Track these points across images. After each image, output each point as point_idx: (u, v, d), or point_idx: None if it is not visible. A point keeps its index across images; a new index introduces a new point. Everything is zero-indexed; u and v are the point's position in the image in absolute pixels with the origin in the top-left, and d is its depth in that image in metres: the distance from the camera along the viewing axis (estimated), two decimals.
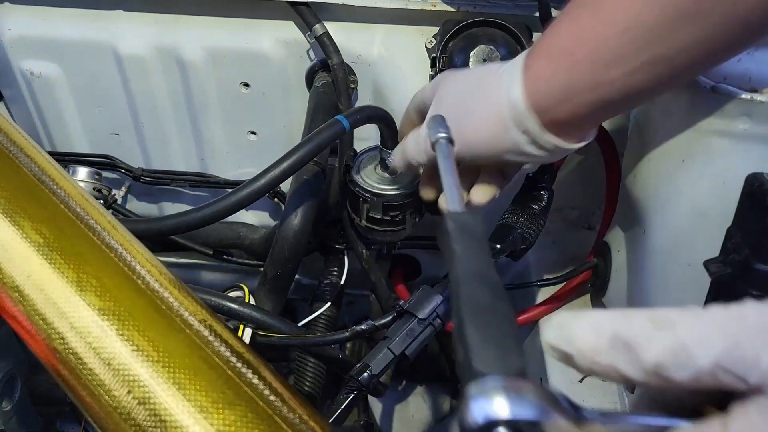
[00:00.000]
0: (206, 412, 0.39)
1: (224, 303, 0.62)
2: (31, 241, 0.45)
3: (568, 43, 0.47)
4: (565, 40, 0.48)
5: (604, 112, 0.51)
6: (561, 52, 0.48)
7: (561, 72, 0.48)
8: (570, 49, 0.47)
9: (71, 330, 0.42)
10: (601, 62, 0.46)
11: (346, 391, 0.56)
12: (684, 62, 0.45)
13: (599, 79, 0.47)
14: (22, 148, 0.51)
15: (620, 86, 0.47)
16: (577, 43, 0.47)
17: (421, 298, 0.58)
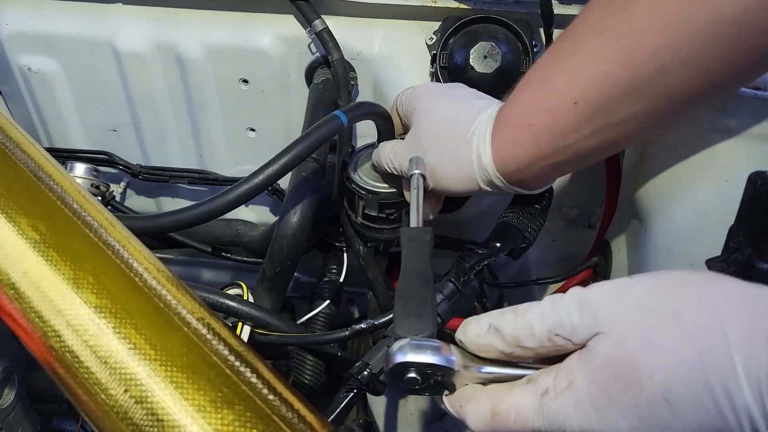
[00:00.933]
0: (204, 411, 0.38)
1: (222, 300, 0.61)
2: (27, 237, 0.45)
3: (527, 113, 0.53)
4: (525, 110, 0.53)
5: (563, 170, 0.57)
6: (522, 123, 0.53)
7: (523, 141, 0.53)
8: (529, 120, 0.52)
9: (67, 328, 0.42)
10: (557, 131, 0.51)
11: (346, 389, 0.55)
12: (630, 128, 0.50)
13: (557, 145, 0.52)
14: (19, 144, 0.51)
15: (576, 150, 0.52)
16: (535, 115, 0.52)
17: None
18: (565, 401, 0.36)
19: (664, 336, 0.34)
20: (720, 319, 0.33)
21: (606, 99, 0.48)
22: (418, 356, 0.41)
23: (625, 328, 0.35)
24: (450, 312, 0.59)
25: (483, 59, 0.72)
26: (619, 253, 0.76)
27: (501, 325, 0.40)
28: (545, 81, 0.51)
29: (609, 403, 0.35)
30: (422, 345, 0.41)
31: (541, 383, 0.38)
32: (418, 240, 0.52)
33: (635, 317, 0.35)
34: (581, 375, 0.36)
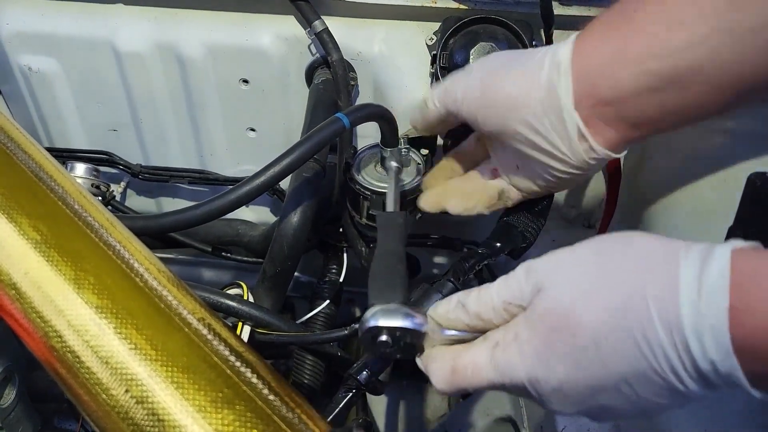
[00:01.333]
0: (205, 411, 0.39)
1: (223, 300, 0.61)
2: (29, 238, 0.45)
3: (630, 6, 0.44)
4: (628, 5, 0.45)
5: (647, 101, 0.45)
6: (622, 11, 0.45)
7: (617, 32, 0.44)
8: (633, 5, 0.44)
9: (69, 328, 0.42)
10: (664, 22, 0.42)
11: (345, 389, 0.55)
12: (752, 44, 0.41)
13: (657, 42, 0.43)
14: (20, 145, 0.51)
15: (677, 58, 0.43)
16: (638, 5, 0.44)
17: (419, 297, 0.58)
18: (511, 352, 0.40)
19: (593, 288, 0.37)
20: (638, 269, 0.36)
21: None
22: (388, 321, 0.45)
23: (561, 285, 0.39)
24: None
25: None
26: None
27: (466, 302, 0.44)
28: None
29: (548, 351, 0.38)
30: (392, 310, 0.45)
31: (492, 338, 0.42)
32: (393, 222, 0.56)
33: (569, 274, 0.39)
34: (524, 328, 0.40)
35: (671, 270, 0.35)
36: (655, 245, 0.38)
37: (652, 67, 0.44)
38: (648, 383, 0.36)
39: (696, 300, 0.34)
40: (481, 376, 0.42)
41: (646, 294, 0.35)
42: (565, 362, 0.38)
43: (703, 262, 0.35)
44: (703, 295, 0.34)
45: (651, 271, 0.36)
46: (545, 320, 0.39)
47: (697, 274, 0.34)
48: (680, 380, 0.35)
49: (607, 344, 0.36)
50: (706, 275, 0.34)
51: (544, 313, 0.39)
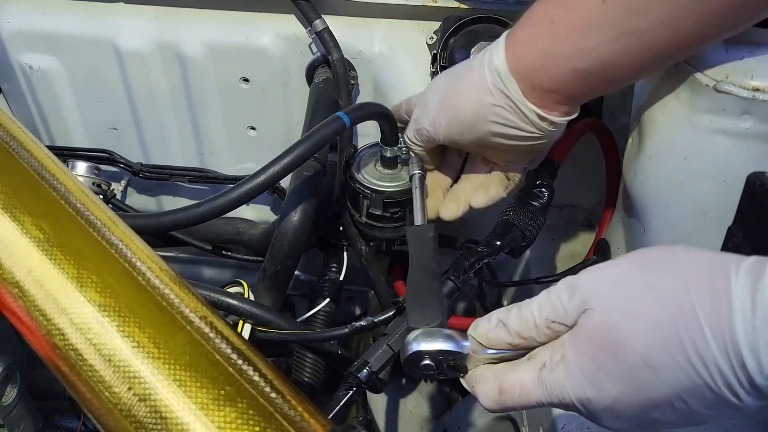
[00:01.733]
0: (207, 408, 0.39)
1: (223, 299, 0.61)
2: (31, 236, 0.45)
3: (549, 10, 0.50)
4: (546, 7, 0.51)
5: (583, 84, 0.53)
6: (542, 19, 0.51)
7: (540, 37, 0.51)
8: (551, 16, 0.50)
9: (71, 326, 0.42)
10: (580, 29, 0.49)
11: (345, 387, 0.56)
12: (656, 39, 0.48)
13: (577, 46, 0.50)
14: (22, 143, 0.51)
15: (597, 56, 0.50)
16: (557, 11, 0.50)
17: None
18: (559, 373, 0.40)
19: (640, 306, 0.37)
20: (687, 286, 0.36)
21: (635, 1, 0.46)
22: (430, 344, 0.45)
23: (607, 303, 0.39)
24: (449, 310, 0.59)
25: None
26: (618, 252, 0.76)
27: (507, 320, 0.44)
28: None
29: (597, 371, 0.38)
30: (434, 333, 0.45)
31: (539, 359, 0.42)
32: (423, 237, 0.57)
33: (615, 292, 0.39)
34: (571, 348, 0.40)
35: (722, 285, 0.35)
36: (702, 259, 0.37)
37: (577, 65, 0.51)
38: (702, 399, 0.36)
39: (750, 316, 0.33)
40: (529, 397, 0.42)
41: (696, 310, 0.35)
42: (616, 382, 0.38)
43: (756, 277, 0.34)
44: (757, 311, 0.33)
45: (701, 287, 0.36)
46: (593, 340, 0.38)
47: (750, 290, 0.34)
48: (736, 395, 0.35)
49: (659, 361, 0.36)
50: (760, 291, 0.34)
51: (591, 332, 0.39)
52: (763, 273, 0.34)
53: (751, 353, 0.33)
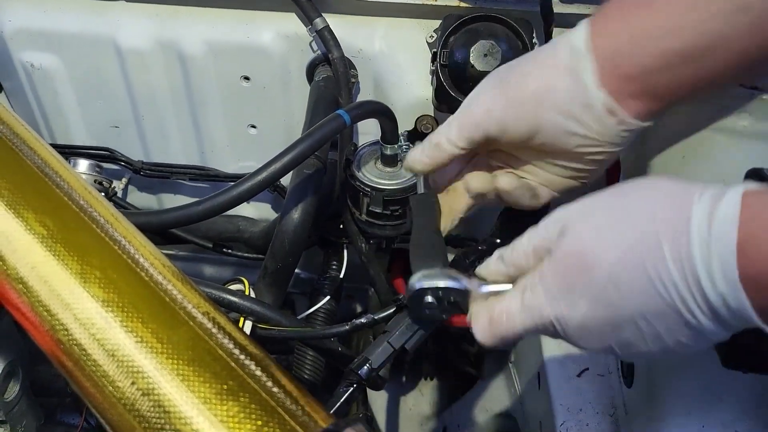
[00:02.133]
0: (210, 402, 0.39)
1: (225, 296, 0.62)
2: (35, 232, 0.45)
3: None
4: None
5: (672, 73, 0.46)
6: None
7: (634, 12, 0.45)
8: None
9: (75, 321, 0.42)
10: (681, 2, 0.44)
11: (346, 384, 0.56)
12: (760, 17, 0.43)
13: (675, 21, 0.44)
14: (25, 140, 0.51)
15: (695, 35, 0.44)
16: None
17: None
18: (538, 292, 0.42)
19: (611, 229, 0.39)
20: (654, 212, 0.38)
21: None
22: (432, 281, 0.48)
23: (581, 225, 0.40)
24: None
25: (483, 57, 0.73)
26: None
27: (504, 254, 0.46)
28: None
29: (570, 289, 0.40)
30: (434, 272, 0.49)
31: (522, 284, 0.44)
32: (425, 202, 0.59)
33: (591, 216, 0.41)
34: (548, 269, 0.41)
35: (684, 209, 0.36)
36: (673, 188, 0.38)
37: (671, 45, 0.45)
38: (663, 319, 0.37)
39: (706, 237, 0.35)
40: (514, 321, 0.43)
41: (658, 232, 0.37)
42: (586, 299, 0.39)
43: (714, 201, 0.36)
44: (713, 231, 0.35)
45: (665, 210, 0.37)
46: (566, 260, 0.40)
47: (707, 212, 0.35)
48: (693, 315, 0.36)
49: (623, 281, 0.38)
50: (716, 213, 0.35)
51: (564, 253, 0.41)
52: (722, 197, 0.36)
53: (706, 271, 0.35)
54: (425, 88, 0.80)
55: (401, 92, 0.82)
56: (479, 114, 0.52)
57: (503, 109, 0.50)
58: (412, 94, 0.82)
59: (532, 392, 0.89)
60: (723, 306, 0.35)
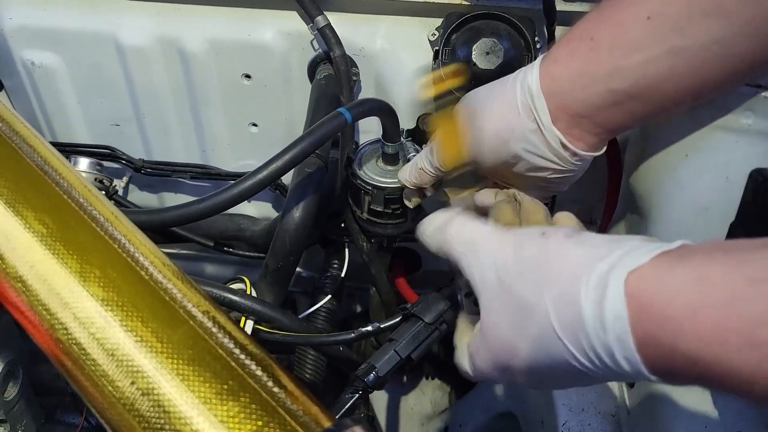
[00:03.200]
0: (210, 403, 0.39)
1: (226, 295, 0.61)
2: (34, 231, 0.45)
3: (591, 26, 0.48)
4: (586, 24, 0.48)
5: (618, 110, 0.49)
6: (582, 36, 0.48)
7: (579, 55, 0.48)
8: (591, 33, 0.47)
9: (74, 320, 0.42)
10: (621, 47, 0.46)
11: (352, 390, 0.55)
12: (702, 59, 0.45)
13: (617, 64, 0.47)
14: (25, 138, 0.51)
15: (639, 76, 0.47)
16: (599, 27, 0.47)
17: (428, 303, 0.59)
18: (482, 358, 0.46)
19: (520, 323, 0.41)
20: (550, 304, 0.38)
21: (683, 16, 0.43)
22: None
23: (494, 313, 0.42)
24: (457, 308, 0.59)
25: (485, 55, 0.72)
26: None
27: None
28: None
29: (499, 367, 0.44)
30: None
31: None
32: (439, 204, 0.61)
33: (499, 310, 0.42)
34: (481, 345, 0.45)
35: (575, 300, 0.36)
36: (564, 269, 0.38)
37: (615, 87, 0.48)
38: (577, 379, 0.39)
39: (602, 334, 0.35)
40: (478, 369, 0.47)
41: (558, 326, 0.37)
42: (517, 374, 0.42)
43: (601, 291, 0.35)
44: (606, 327, 0.34)
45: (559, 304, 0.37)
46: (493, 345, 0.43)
47: (597, 303, 0.35)
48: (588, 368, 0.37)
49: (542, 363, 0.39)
50: (605, 310, 0.35)
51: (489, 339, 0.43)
52: (606, 287, 0.35)
53: (610, 359, 0.35)
54: None
55: (403, 90, 0.82)
56: None
57: (472, 146, 0.56)
58: (413, 93, 0.81)
59: (534, 392, 0.89)
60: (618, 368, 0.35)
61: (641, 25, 0.45)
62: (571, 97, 0.49)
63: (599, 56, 0.47)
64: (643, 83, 0.47)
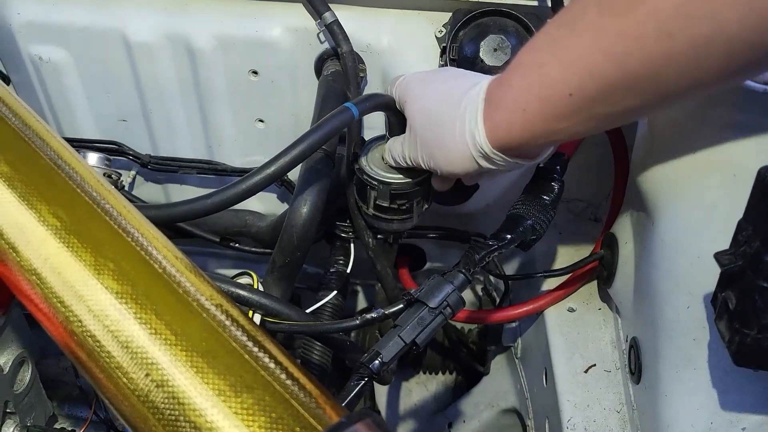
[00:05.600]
0: (224, 395, 0.39)
1: (233, 289, 0.62)
2: (48, 224, 0.45)
3: (521, 98, 0.54)
4: (518, 94, 0.54)
5: (561, 141, 0.59)
6: (515, 108, 0.55)
7: (517, 125, 0.55)
8: (523, 105, 0.54)
9: (89, 313, 0.42)
10: (550, 118, 0.53)
11: (357, 377, 0.56)
12: (624, 117, 0.53)
13: (550, 128, 0.54)
14: (37, 132, 0.51)
15: (572, 132, 0.54)
16: (529, 101, 0.54)
17: (431, 287, 0.59)
18: None
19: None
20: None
21: (600, 94, 0.49)
22: None
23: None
24: (461, 302, 0.59)
25: (493, 52, 0.73)
26: (626, 246, 0.77)
27: None
28: (540, 68, 0.52)
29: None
30: None
31: None
32: None
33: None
34: None
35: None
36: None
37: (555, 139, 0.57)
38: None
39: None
40: None
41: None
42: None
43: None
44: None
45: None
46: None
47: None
48: None
49: None
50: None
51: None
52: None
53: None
54: None
55: None
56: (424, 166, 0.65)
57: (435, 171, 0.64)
58: None
59: (538, 388, 0.89)
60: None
61: (565, 101, 0.51)
62: (519, 150, 0.58)
63: (534, 125, 0.54)
64: (580, 134, 0.55)
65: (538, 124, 0.54)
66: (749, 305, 0.49)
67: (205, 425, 0.38)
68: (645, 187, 0.68)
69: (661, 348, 0.67)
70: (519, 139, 0.56)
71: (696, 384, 0.63)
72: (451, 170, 0.62)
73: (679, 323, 0.64)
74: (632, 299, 0.75)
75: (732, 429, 0.62)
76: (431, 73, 0.66)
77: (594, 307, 0.86)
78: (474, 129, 0.57)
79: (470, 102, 0.58)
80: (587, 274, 0.85)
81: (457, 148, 0.59)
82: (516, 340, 1.00)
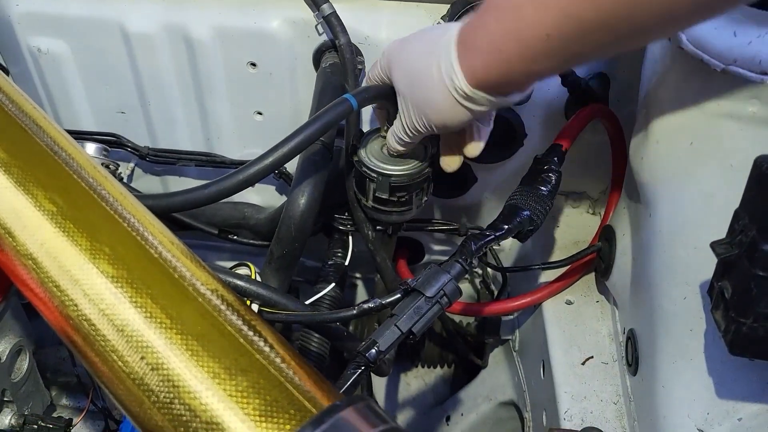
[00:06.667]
0: (219, 378, 0.39)
1: (231, 279, 0.62)
2: (45, 209, 0.46)
3: (498, 40, 0.55)
4: (495, 37, 0.55)
5: (541, 80, 0.61)
6: (491, 48, 0.55)
7: (494, 65, 0.56)
8: (499, 46, 0.55)
9: (84, 297, 0.43)
10: (528, 59, 0.54)
11: (354, 366, 0.56)
12: (600, 54, 0.57)
13: (528, 69, 0.55)
14: (34, 119, 0.51)
15: (549, 71, 0.58)
16: (506, 43, 0.54)
17: (428, 277, 0.59)
18: None
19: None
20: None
21: (576, 34, 0.50)
22: None
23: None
24: (458, 292, 0.59)
25: None
26: (624, 237, 0.77)
27: None
28: (516, 11, 0.52)
29: None
30: None
31: None
32: None
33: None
34: None
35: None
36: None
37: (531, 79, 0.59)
38: None
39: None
40: None
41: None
42: None
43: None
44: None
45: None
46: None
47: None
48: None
49: None
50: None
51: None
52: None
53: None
54: None
55: None
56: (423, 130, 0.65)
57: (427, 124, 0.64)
58: None
59: (536, 380, 0.89)
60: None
61: (542, 41, 0.51)
62: (499, 88, 0.58)
63: (513, 65, 0.55)
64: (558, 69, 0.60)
65: (515, 64, 0.55)
66: (745, 294, 0.50)
67: (199, 408, 0.39)
68: (643, 178, 0.68)
69: (658, 339, 0.67)
70: (497, 77, 0.57)
71: (692, 375, 0.63)
72: (443, 122, 0.62)
73: (676, 314, 0.64)
74: (629, 291, 0.75)
75: (728, 419, 0.62)
76: (407, 37, 0.67)
77: (592, 299, 0.86)
78: (451, 72, 0.58)
79: (443, 48, 0.59)
80: (585, 266, 0.85)
81: (440, 96, 0.60)
82: (514, 333, 1.00)
